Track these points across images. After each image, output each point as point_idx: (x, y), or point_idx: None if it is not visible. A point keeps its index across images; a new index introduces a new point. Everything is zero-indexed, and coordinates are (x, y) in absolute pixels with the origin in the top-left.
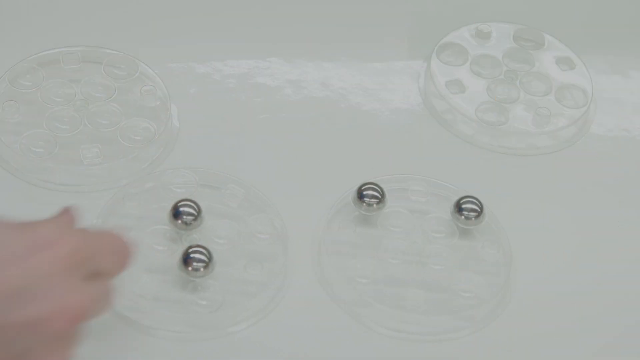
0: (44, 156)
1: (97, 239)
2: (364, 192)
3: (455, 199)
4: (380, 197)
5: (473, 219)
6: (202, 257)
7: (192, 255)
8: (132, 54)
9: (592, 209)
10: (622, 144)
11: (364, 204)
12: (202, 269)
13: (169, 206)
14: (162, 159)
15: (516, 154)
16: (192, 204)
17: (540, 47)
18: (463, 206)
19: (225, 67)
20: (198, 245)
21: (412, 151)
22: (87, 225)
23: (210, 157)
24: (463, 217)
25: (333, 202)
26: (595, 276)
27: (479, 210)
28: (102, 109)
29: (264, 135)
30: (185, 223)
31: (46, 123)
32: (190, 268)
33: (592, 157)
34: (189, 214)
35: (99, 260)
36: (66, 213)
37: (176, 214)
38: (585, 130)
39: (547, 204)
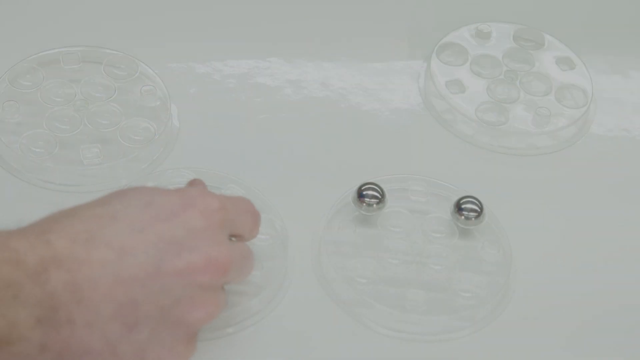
0: (44, 156)
1: (236, 201)
2: (364, 192)
3: (455, 199)
4: (380, 197)
5: (473, 219)
6: None
7: None
8: (132, 54)
9: (592, 209)
10: (622, 144)
11: (364, 204)
12: None
13: None
14: (162, 159)
15: (516, 154)
16: None
17: (540, 47)
18: (463, 206)
19: (225, 67)
20: None
21: (412, 151)
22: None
23: (210, 157)
24: (463, 217)
25: (333, 202)
26: (595, 276)
27: (479, 210)
28: (102, 109)
29: (264, 135)
30: None
31: (46, 123)
32: None
33: (592, 157)
34: None
35: (239, 222)
36: (199, 182)
37: None
38: (585, 130)
39: (547, 204)
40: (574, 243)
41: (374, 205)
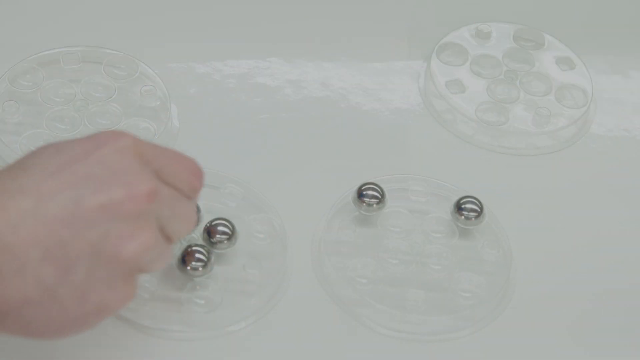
0: None
1: (164, 148)
2: (364, 192)
3: (455, 199)
4: (380, 197)
5: (473, 219)
6: (201, 256)
7: (190, 255)
8: (132, 54)
9: (592, 209)
10: (622, 144)
11: (364, 204)
12: (200, 269)
13: None
14: None
15: (516, 154)
16: None
17: (540, 47)
18: (463, 206)
19: (225, 67)
20: (197, 245)
21: (412, 151)
22: None
23: (210, 157)
24: (463, 217)
25: (333, 202)
26: (595, 276)
27: (479, 210)
28: (102, 109)
29: (263, 135)
30: None
31: (46, 123)
32: (189, 267)
33: (592, 157)
34: None
35: (169, 168)
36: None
37: None
38: (585, 130)
39: (547, 204)
40: (574, 243)
41: (374, 205)
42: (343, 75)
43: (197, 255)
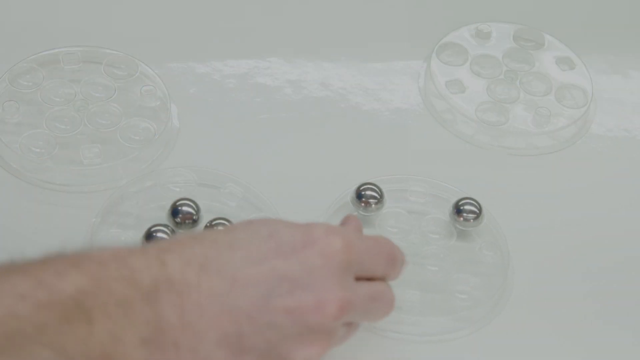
0: (44, 156)
1: (366, 241)
2: (363, 193)
3: (454, 200)
4: (378, 197)
5: (472, 220)
6: None
7: None
8: (132, 54)
9: (591, 209)
10: (622, 144)
11: (363, 204)
12: None
13: (168, 205)
14: (162, 159)
15: (516, 154)
16: (191, 203)
17: (540, 47)
18: (462, 208)
19: (225, 67)
20: None
21: (412, 151)
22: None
23: (210, 157)
24: (462, 218)
25: (332, 202)
26: (594, 277)
27: (478, 212)
28: (102, 109)
29: (263, 135)
30: (184, 222)
31: (46, 123)
32: None
33: (592, 157)
34: (188, 213)
35: (368, 264)
36: (349, 221)
37: (175, 213)
38: (585, 130)
39: (547, 204)
40: (573, 244)
41: (373, 205)
42: (343, 75)
43: None
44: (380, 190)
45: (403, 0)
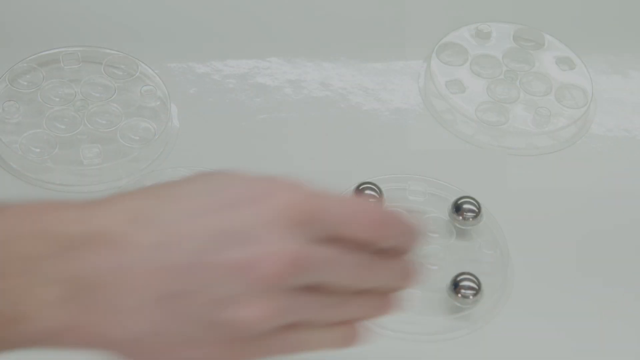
0: (43, 156)
1: (341, 201)
2: (362, 192)
3: (453, 199)
4: (378, 196)
5: (471, 219)
6: None
7: None
8: (132, 54)
9: (591, 209)
10: (622, 144)
11: None
12: None
13: None
14: (162, 159)
15: (516, 154)
16: None
17: (540, 47)
18: (461, 207)
19: (225, 67)
20: None
21: (411, 151)
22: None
23: (210, 157)
24: (461, 217)
25: None
26: (593, 277)
27: (477, 210)
28: (102, 109)
29: (263, 135)
30: None
31: (46, 123)
32: None
33: (592, 157)
34: None
35: (341, 225)
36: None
37: None
38: (585, 130)
39: (546, 204)
40: (572, 243)
41: None
42: (343, 75)
43: None
44: (379, 188)
45: (403, 0)
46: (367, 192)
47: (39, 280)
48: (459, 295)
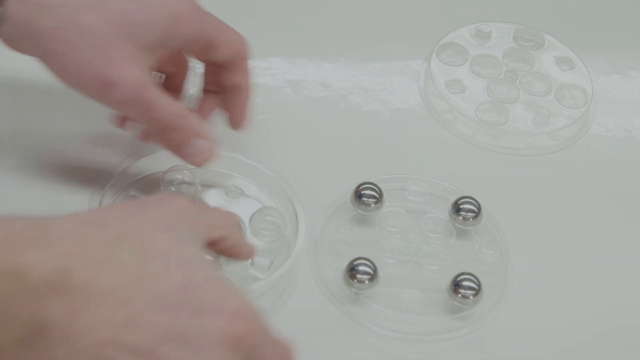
0: None
1: (268, 340)
2: (362, 192)
3: (453, 199)
4: (377, 197)
5: (471, 219)
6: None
7: None
8: None
9: (591, 209)
10: (622, 144)
11: (362, 203)
12: None
13: None
14: (160, 158)
15: (516, 154)
16: None
17: (540, 47)
18: (461, 207)
19: None
20: None
21: (412, 151)
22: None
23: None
24: (461, 217)
25: (331, 202)
26: (593, 277)
27: (477, 210)
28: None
29: (263, 136)
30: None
31: None
32: None
33: (592, 157)
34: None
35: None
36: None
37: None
38: (585, 130)
39: (547, 204)
40: (572, 244)
41: (372, 205)
42: (343, 76)
43: None
44: (379, 189)
45: (403, 0)
46: (367, 192)
47: (4, 321)
48: (459, 295)
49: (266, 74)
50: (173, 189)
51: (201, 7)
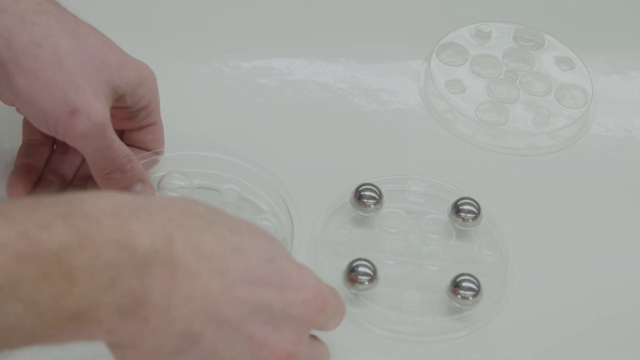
0: None
1: (337, 303)
2: (362, 193)
3: (453, 200)
4: (377, 198)
5: (470, 220)
6: None
7: None
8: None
9: (591, 209)
10: (622, 144)
11: (362, 204)
12: None
13: None
14: (160, 159)
15: (516, 154)
16: None
17: (540, 47)
18: (460, 208)
19: (225, 67)
20: None
21: (412, 151)
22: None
23: (210, 157)
24: (460, 218)
25: (331, 203)
26: (593, 277)
27: (477, 211)
28: None
29: (263, 136)
30: None
31: None
32: None
33: (592, 157)
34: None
35: (327, 326)
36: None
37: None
38: (585, 130)
39: (546, 204)
40: (572, 244)
41: (372, 206)
42: (343, 76)
43: None
44: (379, 190)
45: (403, 0)
46: (367, 193)
47: (109, 290)
48: (459, 296)
49: (266, 75)
50: (170, 194)
51: None
